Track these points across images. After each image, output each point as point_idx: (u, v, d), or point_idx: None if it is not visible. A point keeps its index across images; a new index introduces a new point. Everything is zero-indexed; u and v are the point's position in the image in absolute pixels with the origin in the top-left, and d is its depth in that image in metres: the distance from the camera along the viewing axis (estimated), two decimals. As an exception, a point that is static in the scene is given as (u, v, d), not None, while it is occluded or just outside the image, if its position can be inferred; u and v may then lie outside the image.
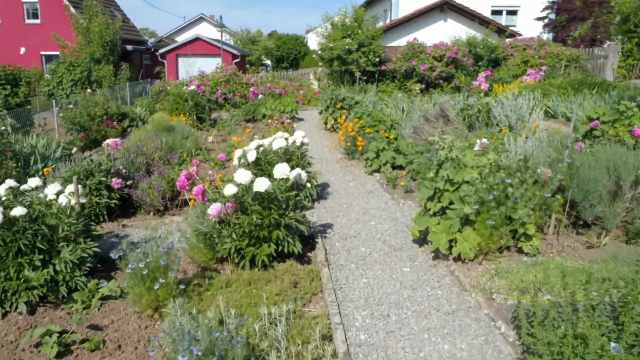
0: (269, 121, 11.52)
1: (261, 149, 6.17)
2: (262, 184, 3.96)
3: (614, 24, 20.75)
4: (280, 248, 4.27)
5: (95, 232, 4.63)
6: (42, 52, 26.10)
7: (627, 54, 18.67)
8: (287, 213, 4.32)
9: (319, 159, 8.86)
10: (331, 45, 17.28)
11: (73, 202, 4.54)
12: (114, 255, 3.78)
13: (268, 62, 48.27)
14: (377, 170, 7.50)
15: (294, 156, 6.17)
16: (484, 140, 5.02)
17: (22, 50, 26.31)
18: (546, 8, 23.77)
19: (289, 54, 48.77)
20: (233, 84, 17.60)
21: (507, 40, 19.28)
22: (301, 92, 18.07)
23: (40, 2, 25.60)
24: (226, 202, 4.23)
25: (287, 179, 4.21)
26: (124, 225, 6.08)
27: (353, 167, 8.24)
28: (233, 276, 4.22)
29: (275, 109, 13.67)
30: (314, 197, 6.24)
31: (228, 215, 4.24)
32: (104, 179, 6.06)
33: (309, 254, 4.75)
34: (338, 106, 11.04)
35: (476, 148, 5.09)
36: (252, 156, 5.87)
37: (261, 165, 6.08)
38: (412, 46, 17.33)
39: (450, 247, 4.22)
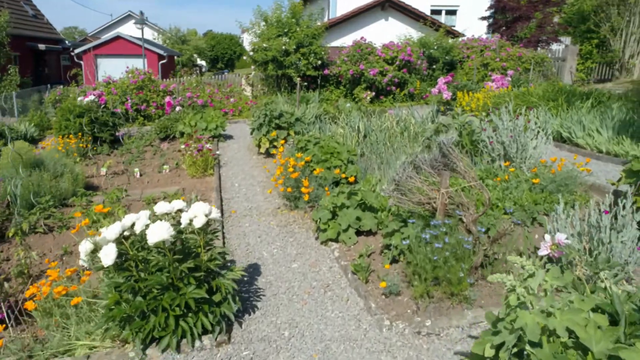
0: (183, 146, 8.65)
1: (138, 229, 3.40)
2: None
3: (561, 24, 19.47)
4: None
5: None
6: None
7: (586, 57, 17.35)
8: None
9: (247, 209, 6.15)
10: (265, 45, 14.51)
11: None
12: None
13: (202, 63, 45.14)
14: (335, 239, 4.90)
15: (192, 248, 3.44)
16: (561, 236, 2.55)
17: None
18: (490, 7, 22.38)
19: (224, 54, 45.97)
20: (147, 92, 14.41)
21: (461, 39, 17.40)
22: (232, 100, 15.19)
23: None
24: None
25: None
26: None
27: (297, 224, 5.61)
28: None
29: (196, 126, 10.81)
30: (232, 318, 3.55)
31: None
32: None
33: None
34: (274, 134, 8.39)
35: (542, 252, 2.62)
36: (109, 255, 3.11)
37: (131, 270, 3.32)
38: (359, 46, 14.88)
39: None
